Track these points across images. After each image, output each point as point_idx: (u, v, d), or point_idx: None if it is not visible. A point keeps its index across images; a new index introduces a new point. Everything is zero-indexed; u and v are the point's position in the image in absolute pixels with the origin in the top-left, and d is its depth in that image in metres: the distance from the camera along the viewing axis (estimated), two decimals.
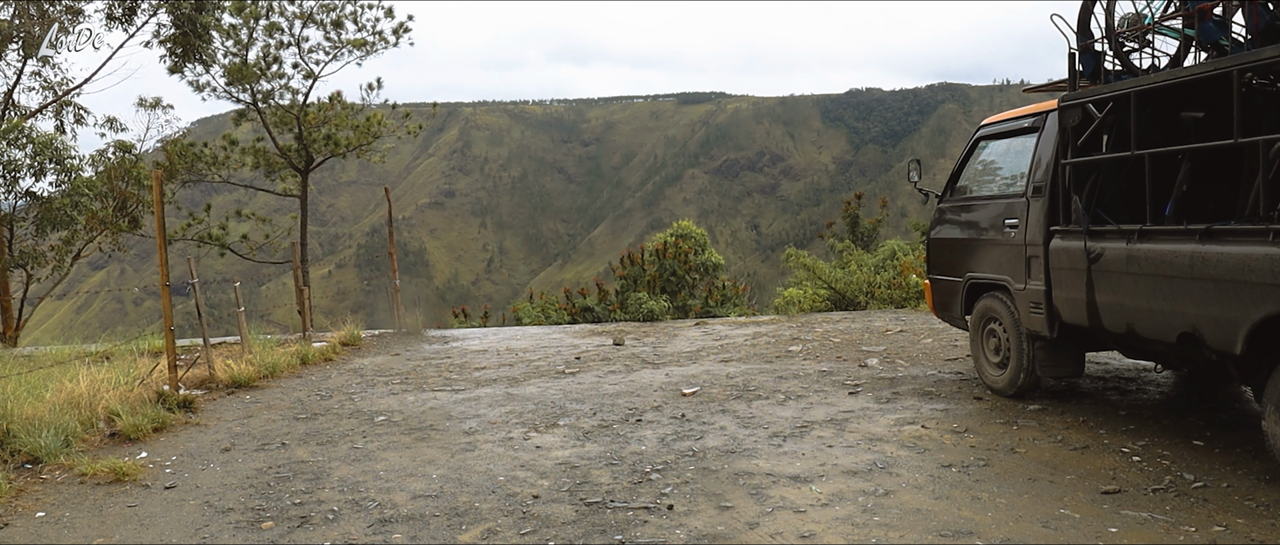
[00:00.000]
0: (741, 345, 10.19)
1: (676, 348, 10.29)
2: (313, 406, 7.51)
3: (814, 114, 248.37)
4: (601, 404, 7.13)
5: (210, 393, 8.20)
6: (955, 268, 7.17)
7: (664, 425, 6.34)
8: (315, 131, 24.90)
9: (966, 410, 6.41)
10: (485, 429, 6.45)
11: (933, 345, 9.29)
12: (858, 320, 12.25)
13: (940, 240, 7.43)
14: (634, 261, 15.39)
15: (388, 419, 6.90)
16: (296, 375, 9.17)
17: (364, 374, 9.18)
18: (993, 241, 6.62)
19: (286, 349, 9.97)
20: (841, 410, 6.56)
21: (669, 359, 9.38)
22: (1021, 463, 5.14)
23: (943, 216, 7.42)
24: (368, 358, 10.38)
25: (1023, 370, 6.43)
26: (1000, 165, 6.92)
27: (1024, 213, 6.25)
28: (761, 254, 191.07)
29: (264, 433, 6.59)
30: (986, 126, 7.06)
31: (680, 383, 7.89)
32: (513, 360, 9.81)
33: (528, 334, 12.41)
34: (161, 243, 8.00)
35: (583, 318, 14.65)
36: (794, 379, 7.81)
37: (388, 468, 5.53)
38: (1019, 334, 6.40)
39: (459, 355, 10.39)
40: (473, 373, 9.02)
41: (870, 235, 19.92)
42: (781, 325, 12.15)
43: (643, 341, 11.06)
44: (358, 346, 11.21)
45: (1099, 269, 5.47)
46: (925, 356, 8.67)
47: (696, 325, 12.58)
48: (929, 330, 10.53)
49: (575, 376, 8.50)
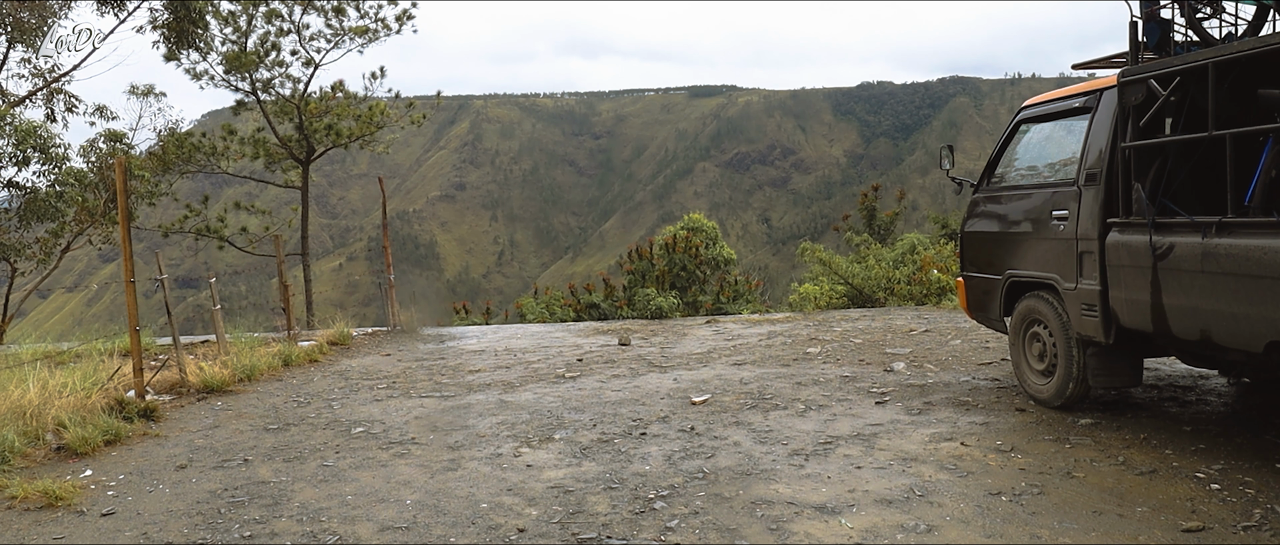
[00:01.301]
0: (755, 346, 9.52)
1: (686, 349, 9.62)
2: (287, 415, 6.87)
3: (825, 107, 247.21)
4: (602, 414, 6.47)
5: (179, 398, 7.58)
6: (993, 264, 6.48)
7: (671, 440, 5.67)
8: (316, 121, 24.31)
9: (1009, 424, 5.72)
10: (472, 443, 5.80)
11: (962, 347, 8.59)
12: (878, 318, 11.55)
13: (976, 234, 6.73)
14: (642, 256, 14.72)
15: (366, 431, 6.26)
16: (277, 378, 8.54)
17: (349, 377, 8.54)
18: (1037, 235, 5.92)
19: (269, 349, 9.34)
20: (869, 423, 5.88)
21: (678, 361, 8.71)
22: (1081, 490, 4.45)
23: (979, 208, 6.72)
24: (356, 359, 9.74)
25: (1072, 379, 5.74)
26: (1046, 151, 6.22)
27: (1075, 203, 5.55)
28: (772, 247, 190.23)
29: (228, 446, 5.95)
30: (1029, 108, 6.35)
31: (689, 389, 7.23)
32: (510, 362, 9.15)
33: (529, 332, 11.76)
34: (125, 235, 7.37)
35: (588, 315, 13.99)
36: (814, 385, 7.13)
37: (358, 491, 4.89)
38: (1068, 339, 5.71)
39: (454, 356, 9.74)
40: (466, 376, 8.37)
41: (887, 229, 19.20)
42: (797, 323, 11.47)
43: (650, 341, 10.40)
44: (347, 346, 10.57)
45: (1167, 267, 4.78)
46: (955, 360, 7.97)
47: (707, 324, 11.91)
48: (956, 330, 9.83)
49: (576, 381, 7.84)
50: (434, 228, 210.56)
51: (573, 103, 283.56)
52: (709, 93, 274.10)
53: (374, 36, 24.65)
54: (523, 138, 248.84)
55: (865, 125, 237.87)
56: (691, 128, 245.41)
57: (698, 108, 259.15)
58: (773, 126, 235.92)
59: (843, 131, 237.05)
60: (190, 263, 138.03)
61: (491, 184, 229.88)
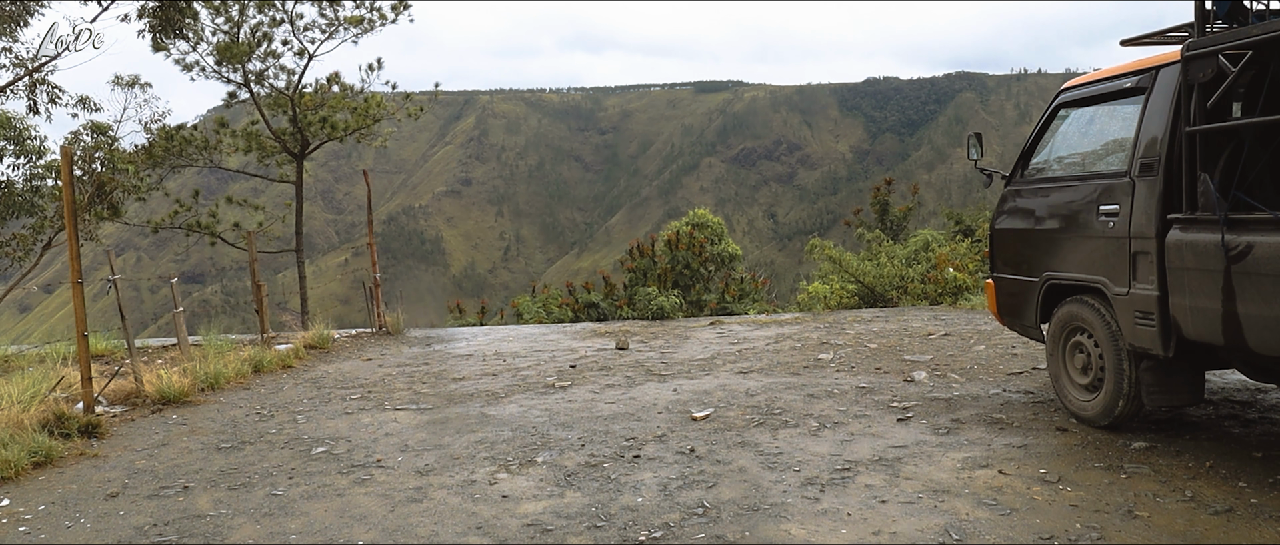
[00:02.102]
0: (763, 351, 8.84)
1: (687, 354, 8.95)
2: (245, 431, 6.22)
3: (831, 103, 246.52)
4: (593, 432, 5.81)
5: (133, 410, 6.93)
6: (1028, 265, 5.79)
7: (668, 465, 5.01)
8: (311, 115, 23.68)
9: (1051, 447, 5.05)
10: (444, 466, 5.15)
11: (987, 354, 7.91)
12: (892, 320, 10.87)
13: (1009, 231, 6.05)
14: (643, 253, 14.04)
15: (329, 451, 5.60)
16: (244, 387, 7.89)
17: (322, 385, 7.89)
18: (1081, 233, 5.24)
19: (239, 355, 8.69)
20: (892, 445, 5.21)
21: (678, 369, 8.05)
22: (1149, 535, 3.78)
23: (1012, 202, 6.04)
24: (334, 364, 9.09)
25: (1122, 396, 5.06)
26: (1091, 137, 5.53)
27: (1127, 196, 4.87)
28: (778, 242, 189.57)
29: (171, 469, 5.31)
30: (1071, 90, 5.65)
31: (690, 402, 6.56)
32: (498, 368, 8.49)
33: (523, 335, 11.10)
34: (72, 232, 6.73)
35: (586, 315, 13.32)
36: (828, 398, 6.46)
37: (305, 528, 4.23)
38: (1117, 350, 5.03)
39: (439, 361, 9.08)
40: (448, 385, 7.72)
41: (899, 224, 18.49)
42: (807, 325, 10.79)
43: (649, 345, 9.73)
44: (327, 350, 9.92)
45: (1243, 270, 4.10)
46: (981, 369, 7.29)
47: (711, 325, 11.24)
48: (978, 334, 9.15)
49: (566, 392, 7.18)
50: (439, 223, 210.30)
51: (578, 98, 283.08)
52: (715, 88, 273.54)
53: (369, 27, 23.94)
54: (528, 133, 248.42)
55: (871, 121, 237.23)
56: (697, 123, 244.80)
57: (704, 103, 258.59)
58: (779, 122, 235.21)
59: (849, 127, 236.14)
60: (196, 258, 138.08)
61: (497, 179, 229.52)
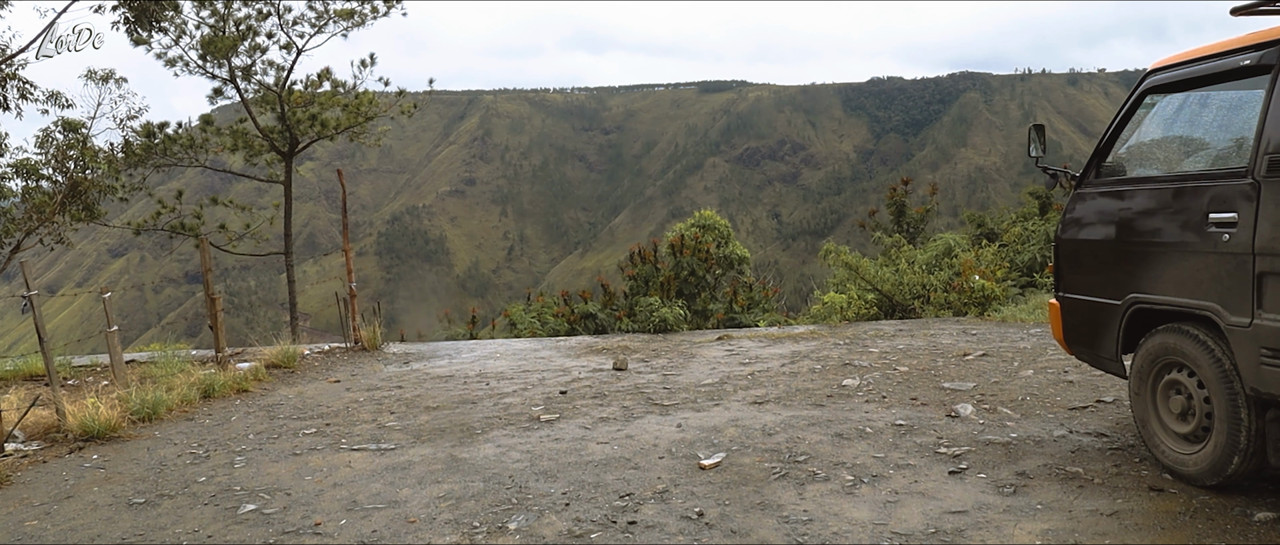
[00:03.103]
0: (778, 373, 7.84)
1: (693, 376, 7.95)
2: (169, 479, 5.23)
3: (835, 103, 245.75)
4: (580, 484, 4.81)
5: (50, 448, 5.95)
6: (1107, 285, 4.78)
7: (670, 535, 4.02)
8: (300, 112, 22.71)
9: (1148, 515, 4.04)
10: (394, 534, 4.16)
11: (1037, 382, 6.89)
12: (918, 335, 9.86)
13: (1081, 243, 5.03)
14: (645, 258, 13.04)
15: (260, 510, 4.61)
16: (187, 416, 6.91)
17: (277, 415, 6.91)
18: (1182, 247, 4.23)
19: (189, 377, 7.71)
20: (948, 509, 4.20)
21: (683, 397, 7.04)
22: None
23: (1084, 208, 5.03)
24: (297, 386, 8.11)
25: (1238, 451, 4.05)
26: (1193, 128, 4.52)
27: (1250, 202, 3.86)
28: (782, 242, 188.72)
29: (63, 533, 4.32)
30: (1163, 71, 4.62)
31: (697, 442, 5.56)
32: (479, 393, 7.50)
33: (512, 351, 10.12)
34: None
35: (582, 327, 12.32)
36: (860, 439, 5.46)
37: None
38: (1232, 394, 4.03)
39: (414, 384, 8.09)
40: (419, 416, 6.72)
41: (916, 227, 17.48)
42: (824, 340, 9.79)
43: (651, 364, 8.73)
44: (292, 369, 8.93)
45: None
46: (1035, 400, 6.28)
47: (719, 340, 10.23)
48: (1019, 355, 8.13)
49: (553, 426, 6.18)
50: (443, 223, 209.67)
51: (583, 98, 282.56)
52: (719, 88, 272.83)
53: (361, 21, 23.01)
54: (532, 133, 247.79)
55: (875, 120, 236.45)
56: (701, 123, 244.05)
57: (708, 103, 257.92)
58: (783, 122, 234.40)
59: (853, 127, 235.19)
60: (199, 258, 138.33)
61: (501, 179, 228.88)
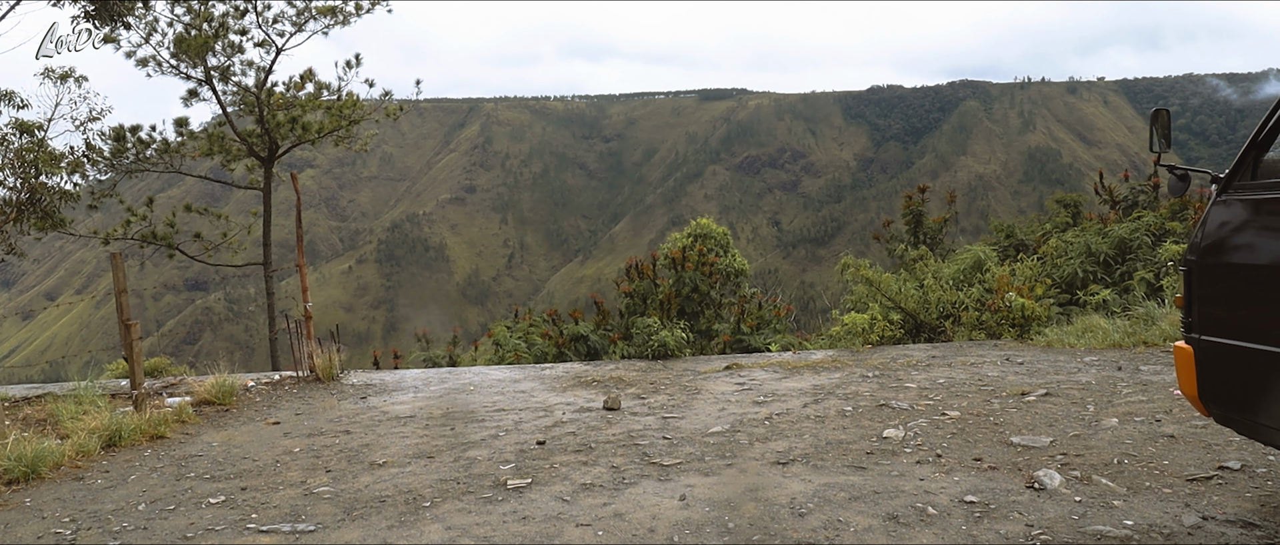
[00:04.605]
0: (801, 417, 6.52)
1: (699, 420, 6.62)
2: None
3: (835, 111, 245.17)
4: None
5: None
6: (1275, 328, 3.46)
7: None
8: (281, 114, 21.44)
9: None
10: None
11: (1129, 435, 5.56)
12: (956, 364, 8.54)
13: (1232, 268, 3.70)
14: (642, 273, 11.73)
15: None
16: (77, 474, 5.58)
17: (187, 474, 5.59)
18: None
19: (92, 421, 6.39)
20: None
21: (687, 450, 5.71)
22: None
23: (1238, 217, 3.71)
24: (226, 430, 6.79)
25: None
26: None
27: None
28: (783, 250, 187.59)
29: None
30: None
31: (708, 526, 4.24)
32: (440, 443, 6.18)
33: (489, 382, 8.80)
34: None
35: (572, 351, 10.98)
36: (922, 524, 4.13)
37: None
38: None
39: (365, 429, 6.77)
40: (360, 476, 5.40)
41: (935, 238, 16.15)
42: (849, 370, 8.47)
43: (648, 402, 7.41)
44: (228, 407, 7.61)
45: None
46: (1136, 463, 4.95)
47: (727, 370, 8.90)
48: (1085, 392, 6.81)
49: (523, 496, 4.86)
50: (444, 230, 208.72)
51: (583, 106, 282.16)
52: (719, 96, 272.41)
53: (344, 18, 21.80)
54: (533, 140, 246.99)
55: (875, 129, 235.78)
56: (702, 131, 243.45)
57: (708, 111, 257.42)
58: (783, 130, 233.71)
59: (853, 135, 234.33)
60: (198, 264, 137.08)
61: (501, 187, 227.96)
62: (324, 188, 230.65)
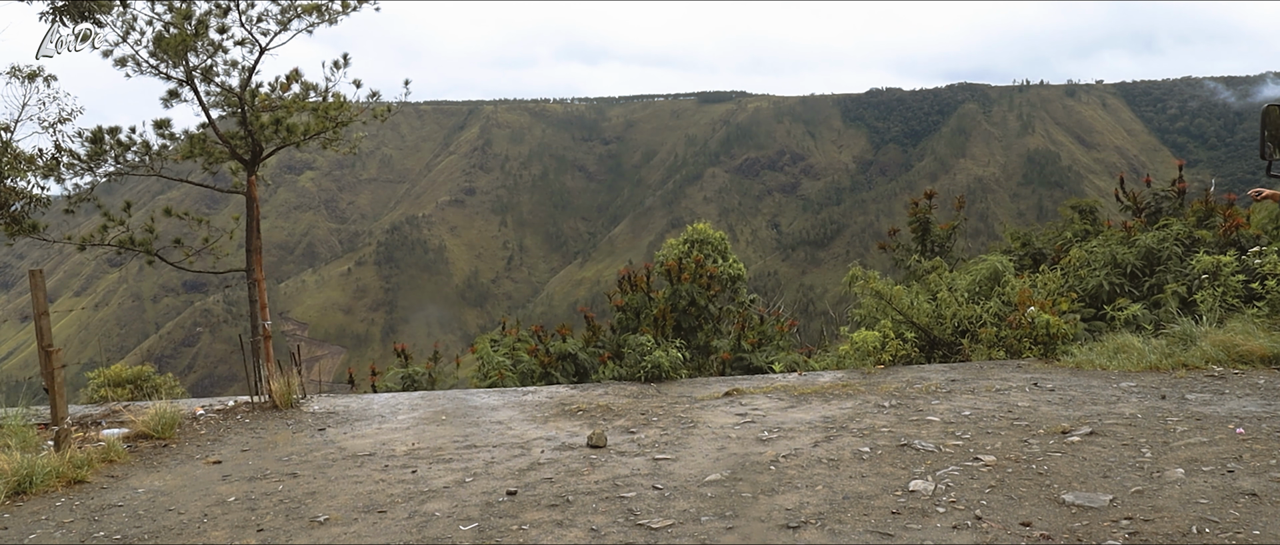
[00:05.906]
0: (811, 459, 5.69)
1: (695, 463, 5.80)
2: None
3: (834, 113, 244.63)
4: None
5: None
6: None
7: None
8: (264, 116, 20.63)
9: None
10: None
11: (1202, 490, 4.74)
12: (980, 390, 7.73)
13: None
14: (636, 286, 10.91)
15: None
16: None
17: (95, 534, 4.77)
18: None
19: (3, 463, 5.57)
20: None
21: (679, 507, 4.89)
22: None
23: None
24: (158, 472, 5.97)
25: None
26: None
27: None
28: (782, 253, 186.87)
29: None
30: None
31: None
32: (396, 492, 5.36)
33: (463, 409, 7.97)
34: None
35: (558, 371, 10.15)
36: None
37: None
38: None
39: (316, 470, 5.95)
40: (295, 539, 4.59)
41: (943, 247, 15.33)
42: (862, 397, 7.65)
43: (637, 438, 6.59)
44: (167, 441, 6.80)
45: None
46: (1222, 532, 4.14)
47: (727, 397, 8.08)
48: (1133, 428, 5.99)
49: None
50: (443, 232, 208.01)
51: (582, 108, 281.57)
52: (718, 98, 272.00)
53: (331, 17, 20.97)
54: (532, 143, 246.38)
55: (874, 131, 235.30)
56: (701, 133, 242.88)
57: (707, 114, 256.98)
58: (782, 132, 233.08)
59: (852, 138, 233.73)
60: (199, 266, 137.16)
61: (501, 189, 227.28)
62: (323, 190, 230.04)
